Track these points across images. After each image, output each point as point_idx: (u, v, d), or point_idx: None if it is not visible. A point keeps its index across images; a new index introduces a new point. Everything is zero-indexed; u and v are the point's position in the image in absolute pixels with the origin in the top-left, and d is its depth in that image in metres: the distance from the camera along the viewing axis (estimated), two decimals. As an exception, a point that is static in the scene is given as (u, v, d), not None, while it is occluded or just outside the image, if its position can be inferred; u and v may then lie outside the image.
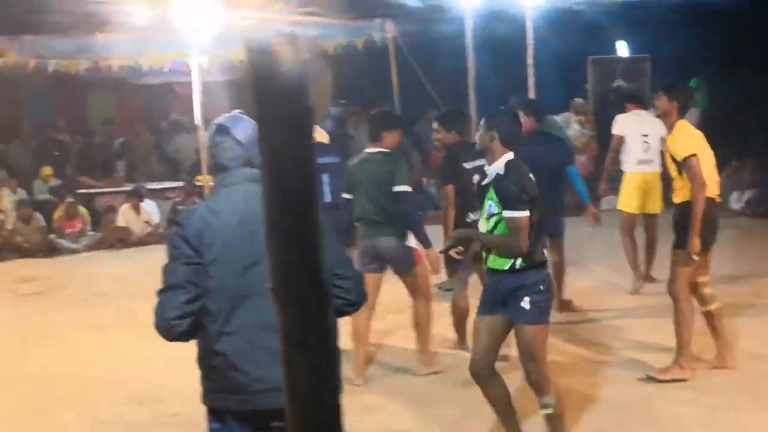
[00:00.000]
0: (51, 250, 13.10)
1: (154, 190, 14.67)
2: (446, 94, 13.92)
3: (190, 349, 3.37)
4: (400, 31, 14.63)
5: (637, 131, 9.11)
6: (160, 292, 3.24)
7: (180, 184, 14.83)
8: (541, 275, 4.86)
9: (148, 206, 13.89)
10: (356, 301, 3.37)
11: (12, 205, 13.79)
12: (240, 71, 16.18)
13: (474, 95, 11.97)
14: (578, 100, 14.62)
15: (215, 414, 3.28)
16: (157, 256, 12.77)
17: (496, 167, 4.90)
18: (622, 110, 9.56)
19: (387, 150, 6.69)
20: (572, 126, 13.93)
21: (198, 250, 3.19)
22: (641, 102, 9.78)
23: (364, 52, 15.33)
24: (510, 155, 4.92)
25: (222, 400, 3.25)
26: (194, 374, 6.88)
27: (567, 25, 14.43)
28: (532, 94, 11.00)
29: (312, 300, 1.16)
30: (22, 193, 14.13)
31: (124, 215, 13.67)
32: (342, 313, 3.38)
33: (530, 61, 11.21)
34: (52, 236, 13.33)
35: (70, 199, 13.71)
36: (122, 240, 13.51)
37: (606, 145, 10.30)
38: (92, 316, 9.26)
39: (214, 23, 13.27)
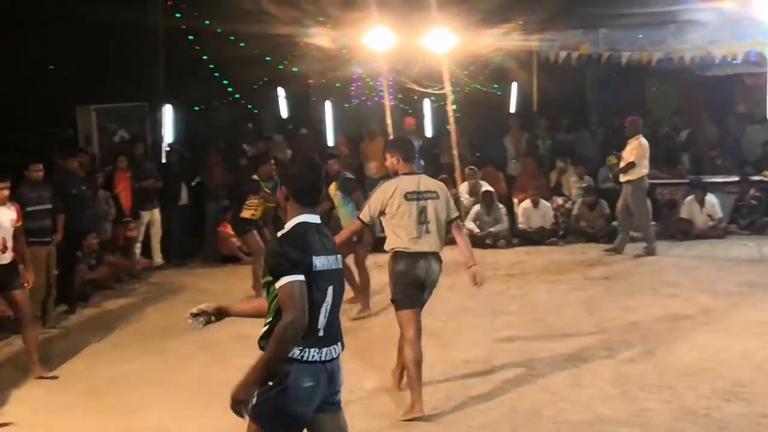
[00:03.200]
0: (613, 237, 13.42)
1: (716, 183, 14.40)
2: None
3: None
4: None
5: None
6: None
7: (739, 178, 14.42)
8: None
9: (712, 200, 13.74)
10: None
11: (579, 191, 14.55)
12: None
13: None
14: None
15: None
16: (721, 250, 12.53)
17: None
18: None
19: None
20: None
21: None
22: None
23: None
24: (303, 217, 3.91)
25: None
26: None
27: None
28: None
29: None
30: (588, 181, 14.77)
31: (688, 207, 13.73)
32: None
33: None
34: (614, 223, 13.78)
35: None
36: (683, 232, 13.58)
37: None
38: (660, 305, 9.39)
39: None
